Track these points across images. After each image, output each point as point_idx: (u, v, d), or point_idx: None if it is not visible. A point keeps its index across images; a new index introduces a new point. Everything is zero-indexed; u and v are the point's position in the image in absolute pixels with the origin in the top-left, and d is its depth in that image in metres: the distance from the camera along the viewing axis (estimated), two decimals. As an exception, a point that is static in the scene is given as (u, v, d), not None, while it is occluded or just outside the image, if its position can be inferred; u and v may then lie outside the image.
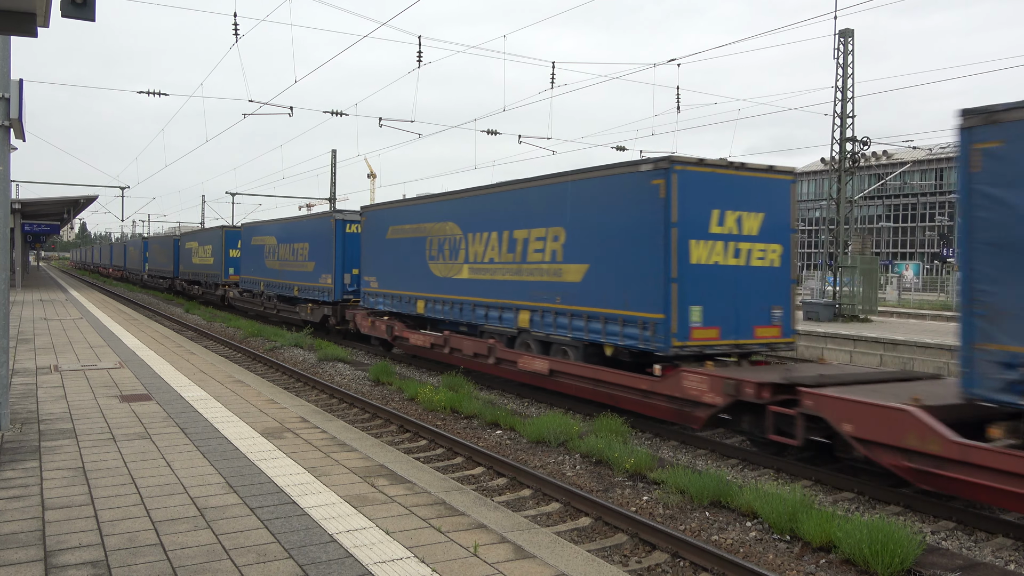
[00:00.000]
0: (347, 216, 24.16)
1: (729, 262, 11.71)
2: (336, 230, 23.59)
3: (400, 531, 5.59)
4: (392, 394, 15.18)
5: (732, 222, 11.74)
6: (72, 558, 4.96)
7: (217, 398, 10.77)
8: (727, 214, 11.69)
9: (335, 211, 27.92)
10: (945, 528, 7.94)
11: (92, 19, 6.74)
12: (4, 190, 8.59)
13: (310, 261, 25.44)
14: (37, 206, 37.49)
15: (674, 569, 6.82)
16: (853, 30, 27.30)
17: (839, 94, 27.41)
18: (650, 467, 9.48)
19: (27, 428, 8.66)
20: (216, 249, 36.49)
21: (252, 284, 31.89)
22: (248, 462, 7.38)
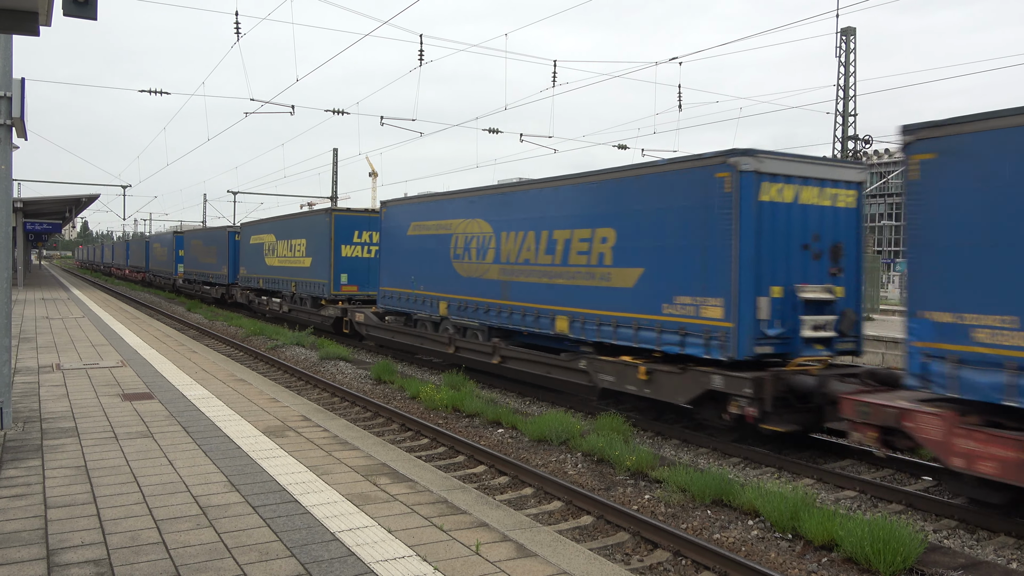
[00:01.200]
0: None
1: None
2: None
3: (402, 530, 5.59)
4: (394, 393, 15.19)
5: None
6: (74, 556, 4.97)
7: (219, 397, 10.78)
8: None
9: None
10: (947, 527, 7.94)
11: (94, 18, 6.74)
12: (6, 189, 8.60)
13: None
14: (39, 205, 37.51)
15: (676, 567, 6.82)
16: (855, 28, 27.31)
17: (841, 92, 27.39)
18: (652, 466, 9.48)
19: (29, 427, 8.67)
20: (317, 246, 24.74)
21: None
22: (250, 460, 7.38)
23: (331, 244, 23.36)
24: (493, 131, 26.87)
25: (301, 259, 25.89)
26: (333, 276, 23.36)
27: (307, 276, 25.06)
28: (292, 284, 26.52)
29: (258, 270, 30.73)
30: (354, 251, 23.72)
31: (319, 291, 24.13)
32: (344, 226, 23.66)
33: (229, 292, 35.13)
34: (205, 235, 41.16)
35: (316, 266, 24.43)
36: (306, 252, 25.20)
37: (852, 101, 27.22)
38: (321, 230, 24.10)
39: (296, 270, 26.20)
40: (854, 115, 27.32)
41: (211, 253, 37.98)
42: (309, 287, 24.97)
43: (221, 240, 36.46)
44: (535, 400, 14.66)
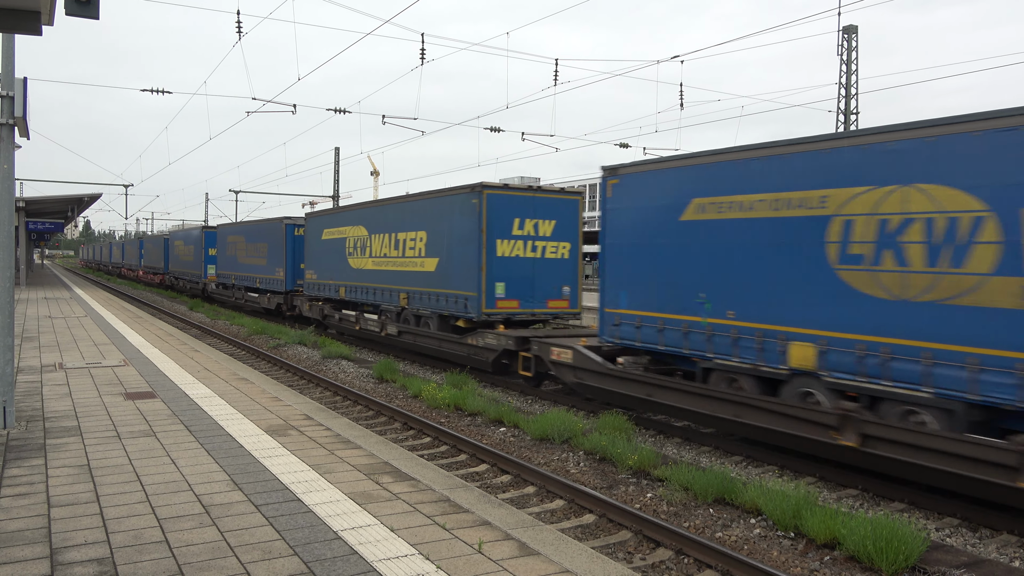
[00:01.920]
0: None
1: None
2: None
3: (404, 528, 5.60)
4: (396, 391, 15.20)
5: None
6: (78, 555, 4.98)
7: (221, 395, 10.79)
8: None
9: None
10: (949, 525, 7.93)
11: (96, 17, 6.75)
12: (8, 188, 8.61)
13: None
14: (41, 204, 37.54)
15: (678, 566, 6.82)
16: (857, 26, 27.30)
17: (842, 90, 27.37)
18: (654, 464, 9.48)
19: (32, 426, 8.69)
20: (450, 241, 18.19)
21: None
22: (253, 459, 7.39)
23: (481, 238, 16.13)
24: (495, 130, 26.88)
25: (416, 260, 18.68)
26: (484, 286, 16.13)
27: (430, 285, 18.01)
28: (402, 296, 19.17)
29: (337, 274, 23.51)
30: (514, 248, 16.40)
31: (456, 307, 16.97)
32: (500, 210, 16.21)
33: (289, 302, 27.71)
34: (250, 229, 32.62)
35: (448, 270, 17.31)
36: (426, 250, 18.23)
37: (854, 99, 27.21)
38: (458, 218, 17.03)
39: (407, 276, 19.13)
40: (856, 113, 27.30)
41: (258, 252, 30.61)
42: (434, 301, 17.80)
43: (274, 235, 28.85)
44: (537, 399, 14.67)
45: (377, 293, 20.78)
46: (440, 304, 17.58)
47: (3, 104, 8.31)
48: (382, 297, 20.44)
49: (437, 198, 17.97)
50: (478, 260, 16.18)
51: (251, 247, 31.72)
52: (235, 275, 33.95)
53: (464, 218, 16.69)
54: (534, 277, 16.60)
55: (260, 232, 30.78)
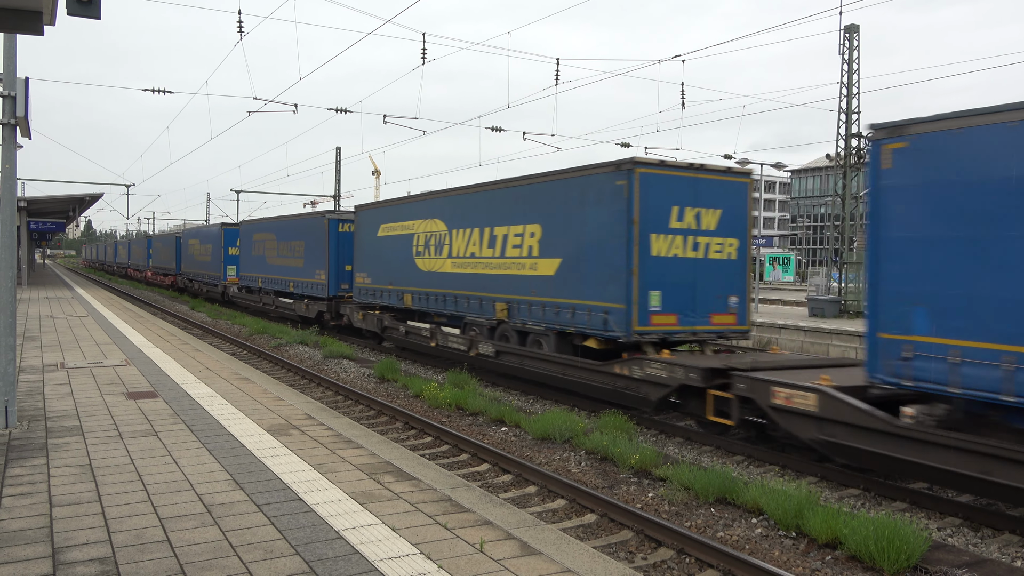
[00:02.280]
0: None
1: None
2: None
3: (406, 528, 5.60)
4: (397, 391, 15.21)
5: None
6: (80, 555, 4.98)
7: (223, 395, 10.80)
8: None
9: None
10: (951, 524, 7.93)
11: (98, 17, 6.76)
12: (10, 188, 8.62)
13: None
14: (43, 204, 37.59)
15: (680, 565, 6.82)
16: (858, 25, 27.27)
17: (844, 90, 27.34)
18: (655, 464, 9.48)
19: (34, 425, 8.69)
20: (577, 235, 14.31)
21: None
22: (254, 459, 7.40)
23: (631, 232, 12.21)
24: (496, 129, 26.88)
25: (523, 262, 14.77)
26: (636, 296, 12.24)
27: (545, 293, 14.14)
28: (499, 306, 15.27)
29: (400, 278, 19.55)
30: (671, 246, 12.60)
31: (590, 323, 13.04)
32: (656, 195, 12.44)
33: (334, 310, 23.99)
34: (282, 226, 28.47)
35: (577, 275, 13.43)
36: (540, 248, 14.37)
37: (855, 99, 27.18)
38: (594, 207, 13.08)
39: (508, 281, 15.17)
40: (857, 112, 27.28)
41: (292, 251, 26.76)
42: (552, 314, 13.94)
43: (314, 232, 24.96)
44: (538, 398, 14.67)
45: (460, 302, 16.86)
46: (562, 318, 13.70)
47: (5, 104, 8.31)
48: (468, 307, 16.54)
49: (559, 181, 14.05)
50: (626, 262, 12.28)
51: (284, 246, 27.61)
52: (263, 277, 30.07)
53: (604, 207, 12.81)
54: (695, 284, 12.83)
55: (296, 229, 26.68)
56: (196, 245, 41.49)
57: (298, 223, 27.07)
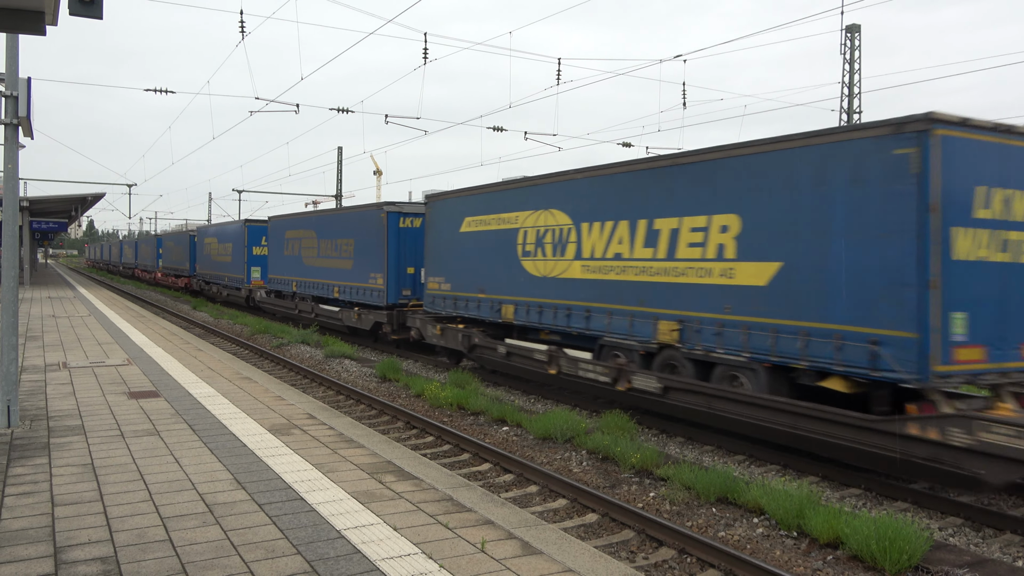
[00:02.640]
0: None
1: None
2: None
3: (407, 527, 5.60)
4: (399, 391, 15.22)
5: None
6: (82, 554, 4.99)
7: (225, 395, 10.81)
8: None
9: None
10: (953, 524, 7.93)
11: (100, 17, 6.78)
12: (13, 188, 8.63)
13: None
14: (45, 204, 37.64)
15: (681, 565, 6.82)
16: (860, 25, 27.27)
17: (845, 89, 27.34)
18: (656, 463, 9.48)
19: (36, 425, 8.71)
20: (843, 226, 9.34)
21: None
22: (256, 458, 7.41)
23: (925, 224, 8.36)
24: (498, 129, 26.86)
25: (706, 266, 10.81)
26: (938, 319, 8.31)
27: (749, 311, 10.21)
28: (664, 327, 11.45)
29: (495, 284, 15.69)
30: (977, 245, 8.68)
31: (838, 355, 9.13)
32: (959, 171, 8.47)
33: (397, 319, 19.63)
34: (325, 222, 24.41)
35: (814, 285, 9.47)
36: (739, 248, 10.46)
37: (857, 98, 27.18)
38: (846, 188, 9.14)
39: (680, 292, 11.31)
40: (859, 112, 27.29)
41: (339, 251, 22.82)
42: (763, 339, 10.03)
43: (368, 228, 20.86)
44: (540, 398, 14.67)
45: (595, 318, 12.90)
46: (784, 348, 9.73)
47: (7, 104, 8.33)
48: (607, 325, 12.60)
49: (775, 153, 10.02)
50: (917, 269, 8.41)
51: (327, 245, 23.75)
52: (298, 281, 25.89)
53: (872, 187, 8.83)
54: (1007, 300, 8.89)
55: (344, 225, 22.86)
56: (214, 244, 37.34)
57: (346, 218, 23.03)
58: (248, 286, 31.83)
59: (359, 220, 21.82)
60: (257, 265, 31.51)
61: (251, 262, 31.71)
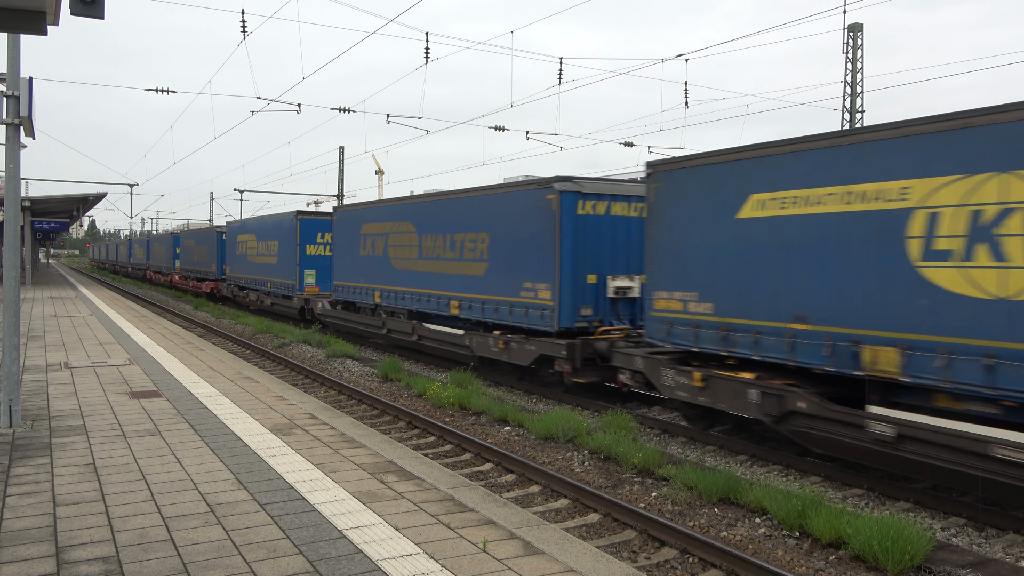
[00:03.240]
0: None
1: None
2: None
3: (409, 527, 5.60)
4: (400, 390, 15.21)
5: None
6: (84, 554, 4.99)
7: (226, 394, 10.81)
8: None
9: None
10: (955, 524, 7.91)
11: (101, 16, 6.77)
12: (14, 188, 8.63)
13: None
14: (46, 204, 37.67)
15: (683, 565, 6.81)
16: (862, 24, 27.23)
17: (848, 88, 27.31)
18: (659, 463, 9.47)
19: (38, 424, 8.71)
20: None
21: None
22: (257, 458, 7.41)
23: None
24: (499, 129, 26.86)
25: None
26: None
27: None
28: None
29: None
30: None
31: None
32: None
33: (581, 354, 13.36)
34: (431, 210, 18.07)
35: None
36: None
37: (859, 97, 27.15)
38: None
39: None
40: (861, 111, 27.25)
41: (457, 249, 16.77)
42: None
43: (519, 216, 14.66)
44: (542, 398, 14.66)
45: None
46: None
47: (9, 104, 8.33)
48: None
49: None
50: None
51: (436, 242, 17.45)
52: (384, 290, 19.99)
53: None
54: None
55: (468, 213, 16.53)
56: (251, 242, 31.08)
57: (473, 203, 16.44)
58: (301, 294, 26.08)
59: (500, 205, 15.50)
60: (312, 268, 25.94)
61: (304, 264, 25.93)
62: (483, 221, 15.96)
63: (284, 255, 27.29)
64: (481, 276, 15.94)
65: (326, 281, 25.47)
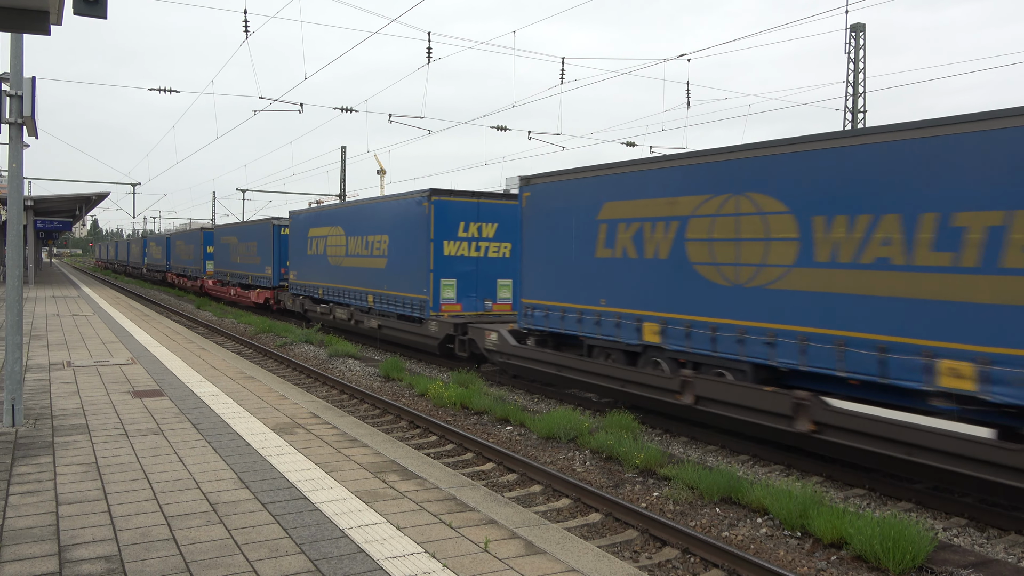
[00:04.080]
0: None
1: None
2: None
3: (411, 527, 5.61)
4: (402, 390, 15.22)
5: None
6: (86, 552, 5.00)
7: (228, 394, 10.82)
8: None
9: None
10: (957, 524, 7.91)
11: (104, 16, 6.78)
12: (17, 187, 8.65)
13: None
14: (49, 203, 37.74)
15: (684, 565, 6.82)
16: (864, 24, 27.20)
17: (850, 89, 27.28)
18: (660, 463, 9.47)
19: (41, 424, 8.73)
20: None
21: None
22: (259, 458, 7.42)
23: None
24: (501, 128, 26.86)
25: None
26: None
27: None
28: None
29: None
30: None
31: None
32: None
33: None
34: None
35: None
36: None
37: (862, 98, 27.13)
38: None
39: None
40: (864, 112, 27.23)
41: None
42: None
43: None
44: (543, 398, 14.66)
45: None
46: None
47: (12, 104, 8.35)
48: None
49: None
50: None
51: (721, 225, 10.58)
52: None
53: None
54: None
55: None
56: (335, 238, 22.97)
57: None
58: (438, 316, 17.40)
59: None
60: (450, 277, 17.71)
61: (439, 271, 17.61)
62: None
63: (403, 255, 18.99)
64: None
65: (478, 294, 18.03)
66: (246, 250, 31.91)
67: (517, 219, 15.06)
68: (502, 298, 18.13)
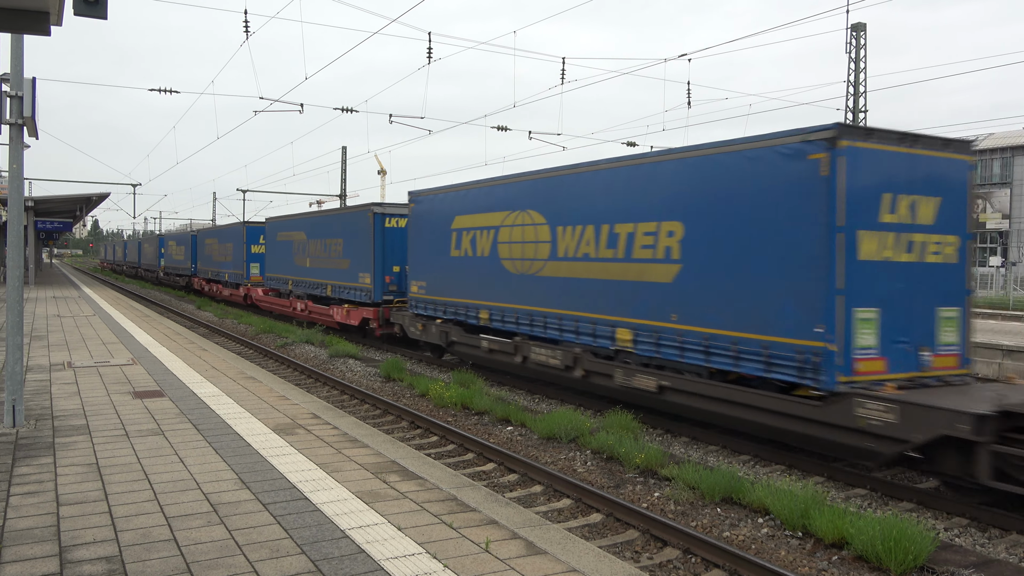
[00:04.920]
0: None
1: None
2: None
3: (412, 527, 5.60)
4: (403, 390, 15.22)
5: None
6: (87, 553, 5.00)
7: (229, 394, 10.82)
8: None
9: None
10: (959, 525, 7.90)
11: (104, 17, 6.78)
12: (18, 188, 8.65)
13: None
14: (50, 203, 37.75)
15: (685, 565, 6.81)
16: (865, 24, 27.21)
17: (851, 88, 27.27)
18: (661, 463, 9.47)
19: (41, 424, 8.73)
20: None
21: None
22: (260, 458, 7.41)
23: None
24: (502, 128, 26.87)
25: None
26: None
27: None
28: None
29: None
30: None
31: None
32: None
33: None
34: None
35: None
36: None
37: (863, 97, 27.12)
38: None
39: None
40: (864, 111, 27.23)
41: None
42: None
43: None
44: (544, 398, 14.66)
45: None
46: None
47: (12, 104, 8.35)
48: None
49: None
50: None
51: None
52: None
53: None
54: None
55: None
56: (520, 230, 14.49)
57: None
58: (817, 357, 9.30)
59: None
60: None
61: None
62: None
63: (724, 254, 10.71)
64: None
65: None
66: (323, 249, 24.01)
67: None
68: (944, 344, 9.58)
